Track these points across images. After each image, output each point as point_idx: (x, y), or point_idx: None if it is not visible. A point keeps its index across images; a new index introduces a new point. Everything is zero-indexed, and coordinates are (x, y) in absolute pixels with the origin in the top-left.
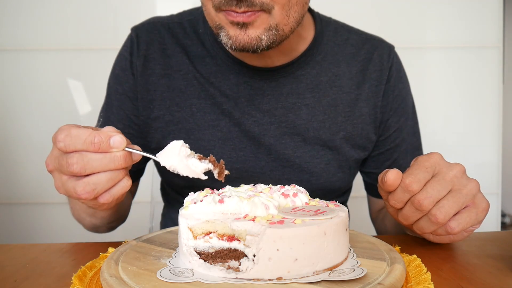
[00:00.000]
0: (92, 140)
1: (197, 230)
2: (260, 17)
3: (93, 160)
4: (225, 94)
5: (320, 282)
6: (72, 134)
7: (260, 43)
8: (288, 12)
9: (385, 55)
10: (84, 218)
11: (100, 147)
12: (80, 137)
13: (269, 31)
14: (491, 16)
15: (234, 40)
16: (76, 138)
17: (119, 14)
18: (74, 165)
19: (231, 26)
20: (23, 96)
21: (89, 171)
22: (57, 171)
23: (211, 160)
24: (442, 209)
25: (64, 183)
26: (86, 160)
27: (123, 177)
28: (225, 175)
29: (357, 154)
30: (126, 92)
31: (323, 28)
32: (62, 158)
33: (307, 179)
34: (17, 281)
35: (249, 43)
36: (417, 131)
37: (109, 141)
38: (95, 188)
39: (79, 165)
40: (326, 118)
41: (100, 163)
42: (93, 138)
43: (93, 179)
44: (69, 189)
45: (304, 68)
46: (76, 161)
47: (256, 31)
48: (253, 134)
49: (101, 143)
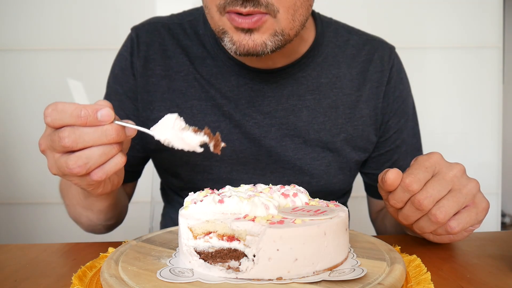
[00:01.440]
0: (78, 113)
1: (197, 230)
2: (266, 22)
3: (84, 134)
4: (225, 95)
5: (320, 282)
6: (58, 109)
7: (265, 49)
8: (293, 16)
9: (385, 56)
10: (80, 213)
11: (88, 120)
12: (66, 111)
13: (275, 36)
14: (491, 16)
15: (238, 45)
16: (62, 112)
17: (120, 14)
18: (65, 138)
19: (235, 31)
20: (23, 96)
21: (81, 145)
22: (50, 149)
23: (206, 132)
24: (442, 208)
25: (57, 160)
26: (77, 133)
27: (117, 153)
28: (221, 147)
29: (358, 155)
30: (126, 92)
31: (323, 29)
32: (53, 134)
33: (308, 181)
34: (17, 281)
35: (254, 48)
36: (418, 132)
37: (97, 114)
38: (88, 162)
39: (71, 138)
40: (327, 120)
41: (92, 136)
42: (80, 112)
43: (86, 153)
44: (61, 164)
45: (304, 70)
46: (68, 135)
47: (262, 37)
48: (254, 136)
49: (88, 116)
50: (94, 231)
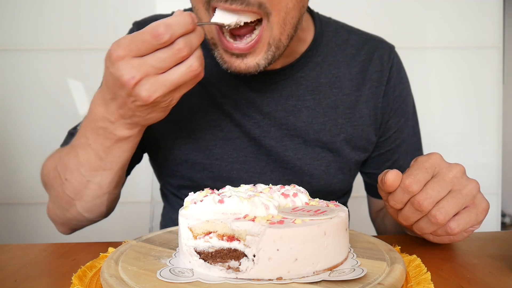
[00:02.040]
0: (188, 21)
1: (197, 230)
2: (261, 39)
3: (193, 39)
4: (225, 95)
5: (320, 282)
6: (168, 23)
7: (258, 68)
8: (285, 19)
9: (385, 55)
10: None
11: (193, 26)
12: (178, 23)
13: (268, 52)
14: (491, 16)
15: (229, 65)
16: (175, 25)
17: (119, 14)
18: (184, 49)
19: (224, 52)
20: (23, 96)
21: (193, 50)
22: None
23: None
24: (442, 209)
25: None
26: (189, 40)
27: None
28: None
29: (358, 155)
30: None
31: (322, 28)
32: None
33: (308, 181)
34: (17, 281)
35: (246, 70)
36: (418, 131)
37: (195, 19)
38: (201, 60)
39: (187, 47)
40: (327, 120)
41: (197, 40)
42: (187, 20)
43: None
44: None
45: (303, 70)
46: (184, 45)
47: (255, 59)
48: (254, 135)
49: (193, 22)
50: (93, 209)
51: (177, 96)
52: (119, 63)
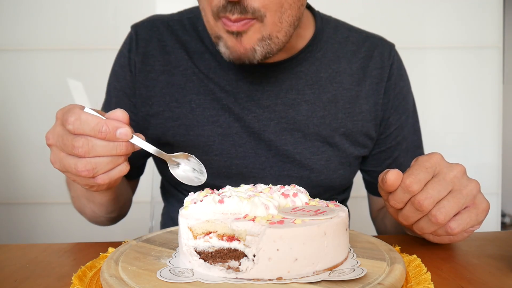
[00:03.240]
0: (100, 129)
1: (197, 230)
2: (253, 26)
3: (97, 146)
4: (224, 89)
5: (320, 282)
6: (82, 119)
7: (255, 53)
8: (280, 18)
9: (385, 53)
10: (84, 205)
11: (106, 136)
12: (89, 123)
13: (263, 41)
14: (491, 16)
15: (231, 50)
16: (85, 124)
17: (119, 14)
18: (79, 148)
19: (228, 36)
20: (23, 96)
21: (92, 155)
22: (58, 147)
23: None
24: (443, 209)
25: (62, 159)
26: (91, 145)
27: (123, 162)
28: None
29: (357, 151)
30: (124, 89)
31: (323, 25)
32: (67, 139)
33: (308, 176)
34: (17, 281)
35: (245, 54)
36: (418, 129)
37: (116, 132)
38: (95, 167)
39: (84, 149)
40: (326, 114)
41: (103, 149)
42: (101, 127)
43: (95, 160)
44: (68, 165)
45: (303, 65)
46: (82, 145)
47: (250, 41)
48: (253, 129)
49: (107, 133)
50: (97, 223)
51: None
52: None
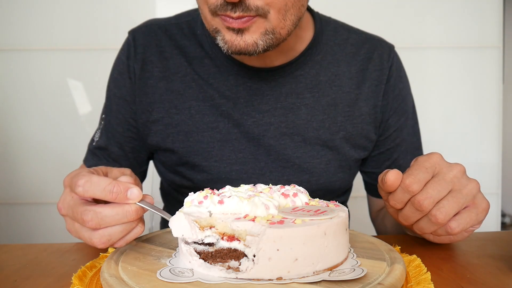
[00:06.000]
0: (111, 189)
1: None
2: (256, 22)
3: (107, 217)
4: (224, 95)
5: (320, 282)
6: (93, 181)
7: (257, 48)
8: (284, 16)
9: (385, 54)
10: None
11: (118, 197)
12: (100, 184)
13: (266, 35)
14: (491, 16)
15: (230, 44)
16: (96, 185)
17: (119, 14)
18: (89, 222)
19: (227, 31)
20: (23, 96)
21: (103, 226)
22: (71, 218)
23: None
24: (442, 209)
25: (78, 231)
26: (100, 217)
27: (136, 225)
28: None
29: (357, 154)
30: (124, 96)
31: (322, 27)
32: (76, 212)
33: (307, 180)
34: (17, 281)
35: (245, 48)
36: (417, 130)
37: (127, 192)
38: (110, 238)
39: (94, 222)
40: (326, 118)
41: (113, 218)
42: (112, 188)
43: (108, 231)
44: (84, 237)
45: (303, 68)
46: (91, 219)
47: (253, 36)
48: (253, 135)
49: (118, 193)
50: None
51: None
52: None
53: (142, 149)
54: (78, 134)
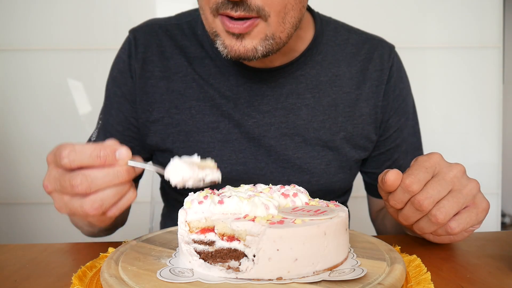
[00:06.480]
0: (98, 154)
1: (194, 224)
2: (257, 26)
3: (97, 179)
4: (224, 95)
5: (320, 282)
6: (77, 150)
7: (256, 53)
8: (284, 19)
9: (385, 55)
10: (82, 227)
11: (106, 160)
12: (85, 152)
13: (266, 41)
14: (491, 16)
15: (229, 49)
16: (81, 153)
17: (119, 14)
18: (78, 186)
19: (227, 35)
20: (23, 96)
21: (94, 189)
22: (58, 192)
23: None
24: (442, 209)
25: (68, 203)
26: (90, 179)
27: (129, 190)
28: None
29: (358, 154)
30: (125, 95)
31: (323, 27)
32: (63, 180)
33: (308, 180)
34: (17, 281)
35: (245, 54)
36: (418, 131)
37: (115, 154)
38: (103, 203)
39: (84, 185)
40: (326, 119)
41: (104, 180)
42: (99, 152)
43: (100, 196)
44: (75, 207)
45: (303, 69)
46: (80, 182)
47: (253, 42)
48: (253, 135)
49: (106, 156)
50: (94, 236)
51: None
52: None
53: (141, 149)
54: (78, 134)
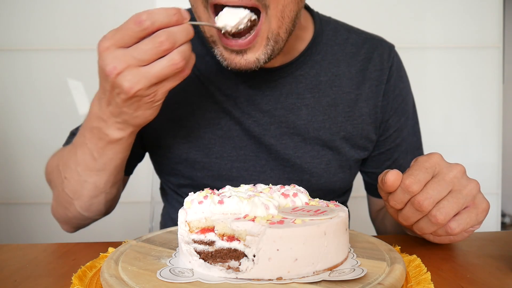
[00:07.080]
0: (171, 13)
1: (194, 223)
2: (259, 35)
3: (176, 33)
4: (225, 93)
5: (320, 282)
6: (154, 12)
7: (258, 63)
8: (282, 12)
9: (385, 54)
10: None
11: (178, 18)
12: (161, 12)
13: (267, 46)
14: (491, 16)
15: (229, 62)
16: (158, 14)
17: (119, 14)
18: (165, 42)
19: (224, 49)
20: (23, 96)
21: (178, 44)
22: (132, 66)
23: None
24: (442, 209)
25: (149, 70)
26: (172, 35)
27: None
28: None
29: (358, 154)
30: None
31: (322, 27)
32: (145, 44)
33: (308, 179)
34: (17, 281)
35: (246, 66)
36: (418, 130)
37: (181, 12)
38: (187, 54)
39: (170, 40)
40: (326, 118)
41: (182, 34)
42: (171, 11)
43: (182, 47)
44: (161, 68)
45: (303, 68)
46: (166, 38)
47: (255, 54)
48: (253, 133)
49: (178, 14)
50: (92, 210)
51: (161, 91)
52: (104, 53)
53: (138, 144)
54: None
